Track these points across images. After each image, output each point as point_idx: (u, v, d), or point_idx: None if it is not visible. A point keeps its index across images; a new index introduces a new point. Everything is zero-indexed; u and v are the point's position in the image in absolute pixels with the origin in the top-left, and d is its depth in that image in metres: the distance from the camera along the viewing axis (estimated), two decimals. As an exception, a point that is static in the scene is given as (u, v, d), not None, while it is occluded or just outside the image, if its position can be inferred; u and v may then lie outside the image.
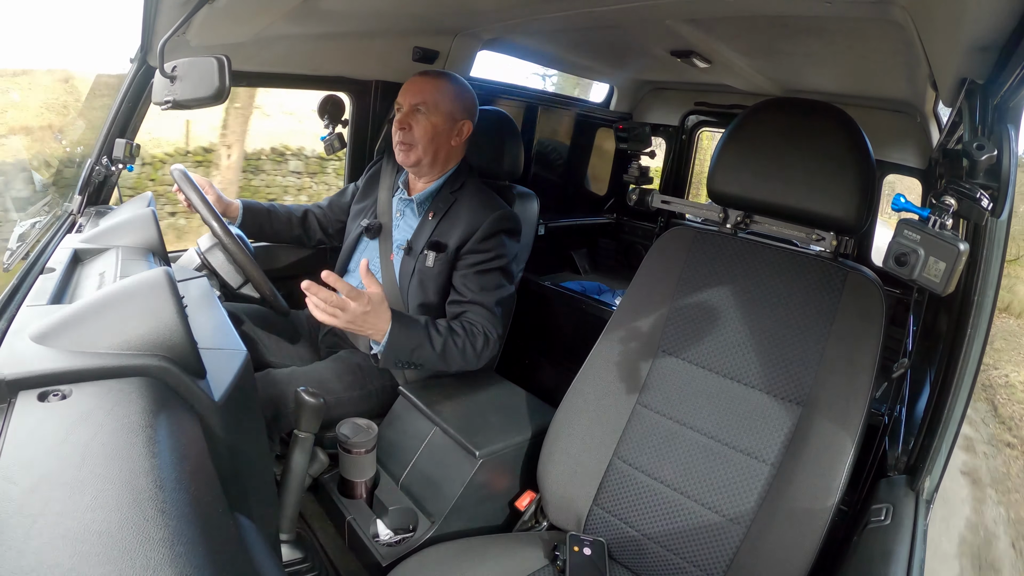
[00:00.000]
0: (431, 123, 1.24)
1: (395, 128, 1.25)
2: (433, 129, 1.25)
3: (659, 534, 0.93)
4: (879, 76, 1.53)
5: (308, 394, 0.89)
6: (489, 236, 1.24)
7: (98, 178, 1.25)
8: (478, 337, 1.18)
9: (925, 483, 0.81)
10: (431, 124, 1.24)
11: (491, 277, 1.25)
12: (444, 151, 1.29)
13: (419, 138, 1.24)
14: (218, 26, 1.14)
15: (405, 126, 1.24)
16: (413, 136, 1.24)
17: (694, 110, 2.48)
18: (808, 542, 0.82)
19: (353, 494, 1.11)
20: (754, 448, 0.90)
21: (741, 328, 0.97)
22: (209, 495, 0.42)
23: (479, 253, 1.24)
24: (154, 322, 0.52)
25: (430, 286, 1.26)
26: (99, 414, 0.43)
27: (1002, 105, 0.66)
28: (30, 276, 0.78)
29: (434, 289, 1.26)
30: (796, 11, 1.08)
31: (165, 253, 0.95)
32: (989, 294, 0.74)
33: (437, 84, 1.26)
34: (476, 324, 1.19)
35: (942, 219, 0.64)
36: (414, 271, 1.27)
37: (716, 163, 1.00)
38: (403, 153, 1.27)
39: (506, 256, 1.27)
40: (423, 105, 1.24)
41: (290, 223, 1.50)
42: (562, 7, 1.26)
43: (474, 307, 1.21)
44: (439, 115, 1.25)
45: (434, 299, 1.27)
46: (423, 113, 1.24)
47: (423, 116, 1.24)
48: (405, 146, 1.26)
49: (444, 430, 1.11)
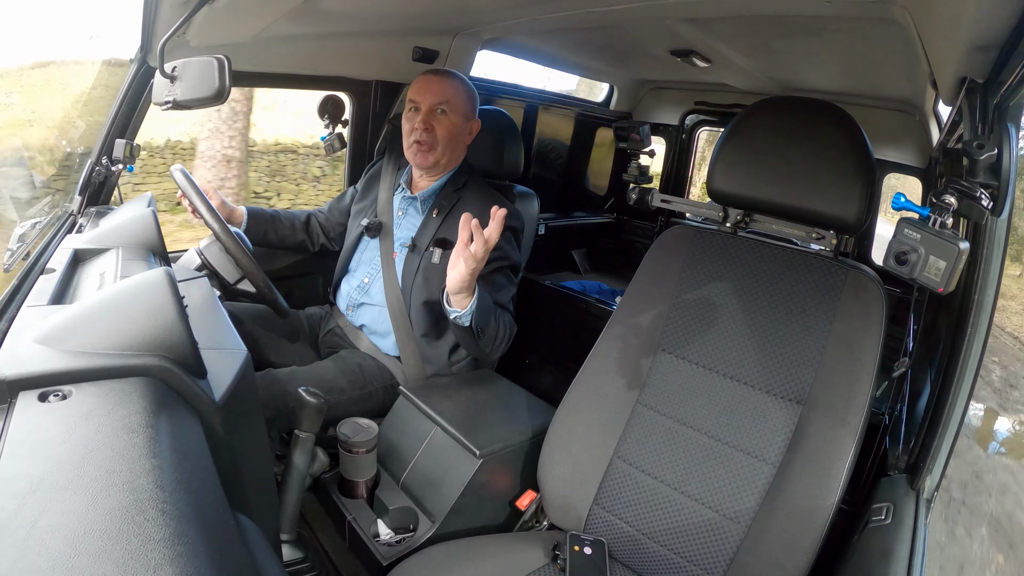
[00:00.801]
0: (452, 123, 1.25)
1: (416, 128, 1.24)
2: (454, 129, 1.25)
3: (659, 533, 0.93)
4: (879, 75, 1.53)
5: (309, 394, 0.89)
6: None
7: (98, 178, 1.25)
8: (507, 327, 1.21)
9: (926, 482, 0.81)
10: (452, 124, 1.25)
11: (501, 276, 1.27)
12: (460, 150, 1.30)
13: (441, 138, 1.24)
14: (218, 26, 1.14)
15: (429, 127, 1.23)
16: (435, 136, 1.24)
17: (694, 109, 2.48)
18: (808, 541, 0.82)
19: (353, 494, 1.11)
20: (754, 447, 0.90)
21: (741, 327, 0.97)
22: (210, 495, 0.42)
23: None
24: (154, 322, 0.52)
25: (435, 283, 1.26)
26: (99, 414, 0.43)
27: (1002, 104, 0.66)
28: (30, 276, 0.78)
29: (439, 286, 1.26)
30: (796, 10, 1.08)
31: (165, 253, 0.95)
32: (989, 293, 0.74)
33: (455, 84, 1.26)
34: (506, 317, 1.23)
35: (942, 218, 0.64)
36: (418, 268, 1.27)
37: (716, 162, 1.00)
38: (422, 155, 1.25)
39: (513, 255, 1.29)
40: (445, 105, 1.23)
41: (294, 228, 1.51)
42: (562, 7, 1.26)
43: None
44: (458, 115, 1.25)
45: (438, 296, 1.27)
46: (445, 113, 1.24)
47: (445, 116, 1.24)
48: (425, 146, 1.24)
49: (444, 430, 1.11)
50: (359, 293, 1.35)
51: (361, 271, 1.37)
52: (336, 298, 1.43)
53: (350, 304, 1.36)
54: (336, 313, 1.43)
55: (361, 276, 1.36)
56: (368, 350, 1.33)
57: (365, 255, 1.37)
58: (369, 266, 1.35)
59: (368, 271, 1.35)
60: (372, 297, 1.34)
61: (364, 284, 1.35)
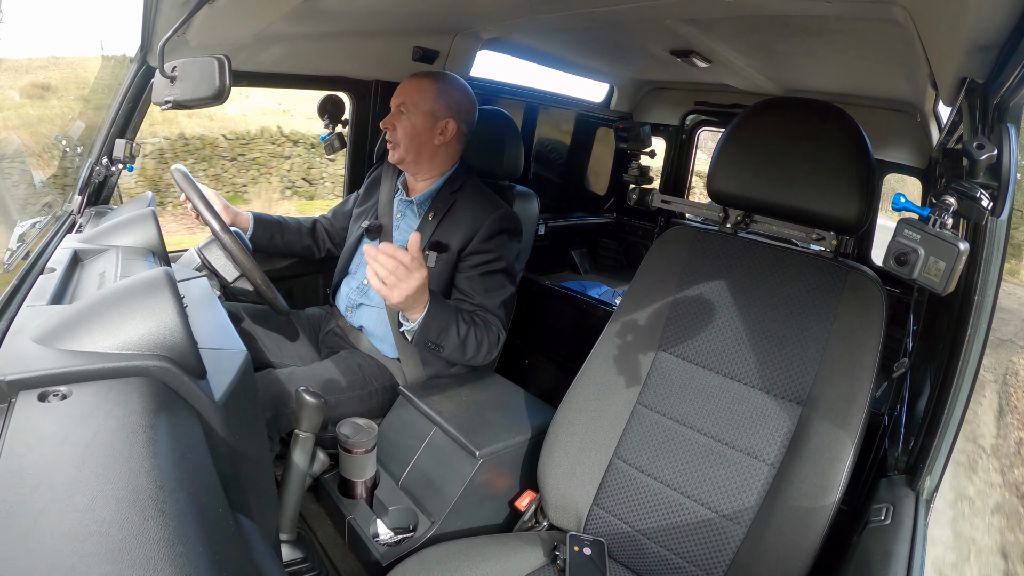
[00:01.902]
0: (411, 122, 1.27)
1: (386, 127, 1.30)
2: (413, 128, 1.27)
3: (659, 534, 0.93)
4: (879, 75, 1.53)
5: (309, 394, 0.89)
6: (491, 236, 1.24)
7: (98, 178, 1.25)
8: (493, 333, 1.21)
9: (925, 483, 0.81)
10: (411, 123, 1.27)
11: (495, 279, 1.26)
12: (428, 150, 1.30)
13: (400, 138, 1.28)
14: (218, 26, 1.14)
15: (389, 126, 1.29)
16: (395, 135, 1.28)
17: (694, 109, 2.48)
18: (808, 542, 0.82)
19: (353, 494, 1.11)
20: (754, 448, 0.90)
21: (741, 327, 0.97)
22: (209, 495, 0.42)
23: (482, 254, 1.24)
24: (154, 322, 0.52)
25: (431, 286, 1.26)
26: (99, 414, 0.43)
27: (1002, 104, 0.66)
28: (30, 276, 0.77)
29: (435, 289, 1.26)
30: (796, 11, 1.08)
31: (165, 253, 0.95)
32: (989, 294, 0.74)
33: (420, 84, 1.28)
34: (492, 321, 1.22)
35: (942, 218, 0.64)
36: None
37: (716, 163, 1.00)
38: (391, 152, 1.31)
39: (508, 256, 1.28)
40: (403, 105, 1.27)
41: (300, 234, 1.51)
42: (562, 7, 1.26)
43: (481, 310, 1.22)
44: (418, 114, 1.27)
45: None
46: (404, 113, 1.27)
47: (404, 116, 1.27)
48: (391, 144, 1.30)
49: (444, 430, 1.11)
50: (358, 294, 1.35)
51: (361, 272, 1.37)
52: (335, 299, 1.43)
53: (349, 305, 1.37)
54: (336, 314, 1.43)
55: (361, 278, 1.37)
56: (368, 350, 1.33)
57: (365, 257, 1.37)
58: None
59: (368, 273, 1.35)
60: (371, 298, 1.34)
61: (364, 286, 1.35)
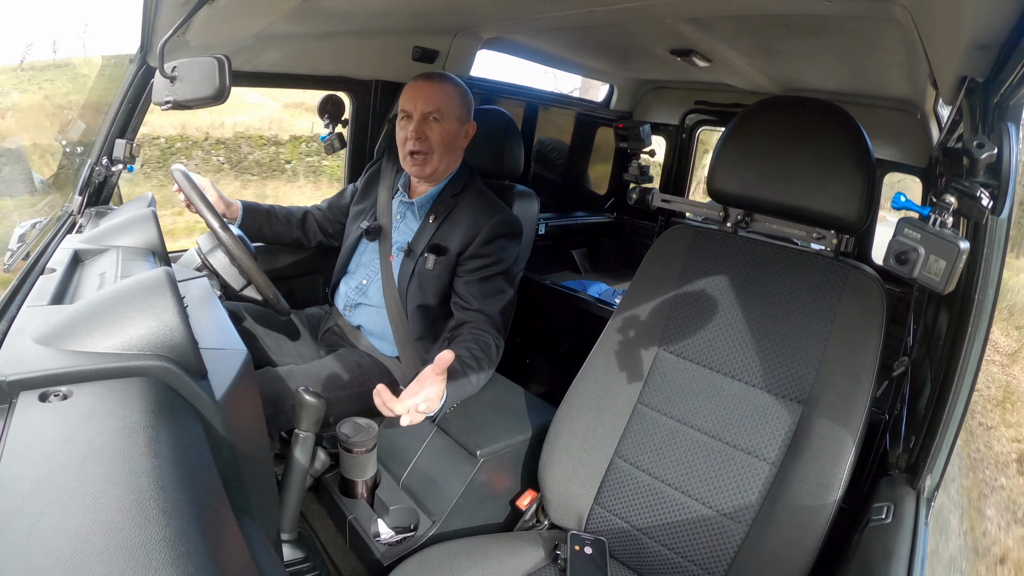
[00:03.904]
0: (445, 130, 1.23)
1: (408, 138, 1.22)
2: (447, 135, 1.23)
3: (660, 533, 0.93)
4: (879, 74, 1.52)
5: (309, 393, 0.89)
6: (490, 240, 1.24)
7: (98, 178, 1.25)
8: (491, 349, 1.16)
9: (926, 482, 0.81)
10: (445, 131, 1.23)
11: (494, 283, 1.24)
12: (455, 156, 1.29)
13: (436, 146, 1.22)
14: (218, 26, 1.14)
15: (422, 135, 1.21)
16: (430, 144, 1.22)
17: (694, 109, 2.48)
18: (809, 540, 0.82)
19: (354, 493, 1.11)
20: (755, 447, 0.90)
21: (742, 326, 0.97)
22: (210, 495, 0.42)
23: (481, 258, 1.24)
24: (155, 322, 0.52)
25: (429, 288, 1.26)
26: (100, 414, 0.44)
27: (1002, 103, 0.66)
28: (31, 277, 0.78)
29: (433, 291, 1.26)
30: (796, 10, 1.08)
31: (165, 253, 0.95)
32: (989, 292, 0.74)
33: (445, 89, 1.24)
34: (487, 334, 1.18)
35: (942, 217, 0.64)
36: (413, 273, 1.27)
37: (716, 162, 1.00)
38: (418, 166, 1.24)
39: (507, 260, 1.27)
40: (437, 112, 1.22)
41: (289, 224, 1.50)
42: (562, 6, 1.26)
43: (480, 315, 1.21)
44: (451, 120, 1.24)
45: (433, 301, 1.27)
46: (437, 121, 1.22)
47: (437, 124, 1.22)
48: (421, 156, 1.23)
49: (445, 430, 1.11)
50: (357, 294, 1.35)
51: (360, 273, 1.37)
52: (334, 298, 1.43)
53: (347, 304, 1.37)
54: (335, 313, 1.43)
55: (360, 278, 1.36)
56: (367, 349, 1.33)
57: (364, 257, 1.37)
58: (368, 268, 1.35)
59: (367, 273, 1.35)
60: (370, 298, 1.34)
61: (362, 286, 1.35)
